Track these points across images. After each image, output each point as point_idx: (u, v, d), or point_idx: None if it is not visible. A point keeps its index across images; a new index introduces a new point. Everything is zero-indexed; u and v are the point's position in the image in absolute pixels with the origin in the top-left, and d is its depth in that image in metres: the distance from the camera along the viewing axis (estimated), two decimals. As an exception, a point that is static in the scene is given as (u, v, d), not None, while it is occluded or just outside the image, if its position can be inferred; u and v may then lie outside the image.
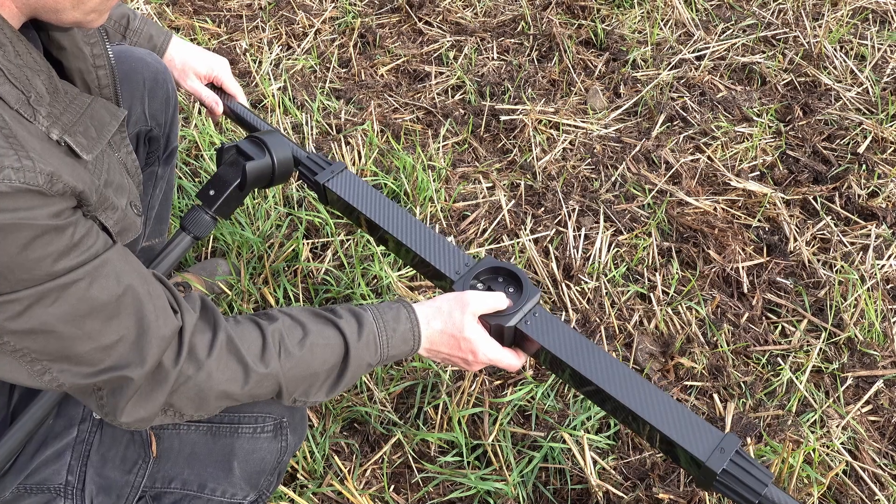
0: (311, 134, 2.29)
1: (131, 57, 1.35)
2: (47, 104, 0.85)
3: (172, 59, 1.51)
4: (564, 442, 1.53)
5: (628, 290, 1.85)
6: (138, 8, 2.82)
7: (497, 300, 1.16)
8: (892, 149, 2.27)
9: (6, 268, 0.76)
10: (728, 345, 1.74)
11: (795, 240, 1.99)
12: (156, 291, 0.91)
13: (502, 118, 2.34)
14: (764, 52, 2.65)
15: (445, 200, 2.07)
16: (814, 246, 2.00)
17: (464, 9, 2.87)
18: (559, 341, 1.14)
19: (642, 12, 2.82)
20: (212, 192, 1.21)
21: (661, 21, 2.78)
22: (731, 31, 2.75)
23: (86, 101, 0.93)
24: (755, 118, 2.38)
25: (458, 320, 1.12)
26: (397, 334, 1.09)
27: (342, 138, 2.27)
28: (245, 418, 1.12)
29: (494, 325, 1.15)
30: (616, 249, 1.96)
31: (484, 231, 2.00)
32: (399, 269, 1.85)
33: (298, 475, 1.51)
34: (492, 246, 1.96)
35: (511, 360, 1.18)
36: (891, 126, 2.33)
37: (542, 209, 2.07)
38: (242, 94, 1.57)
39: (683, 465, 1.08)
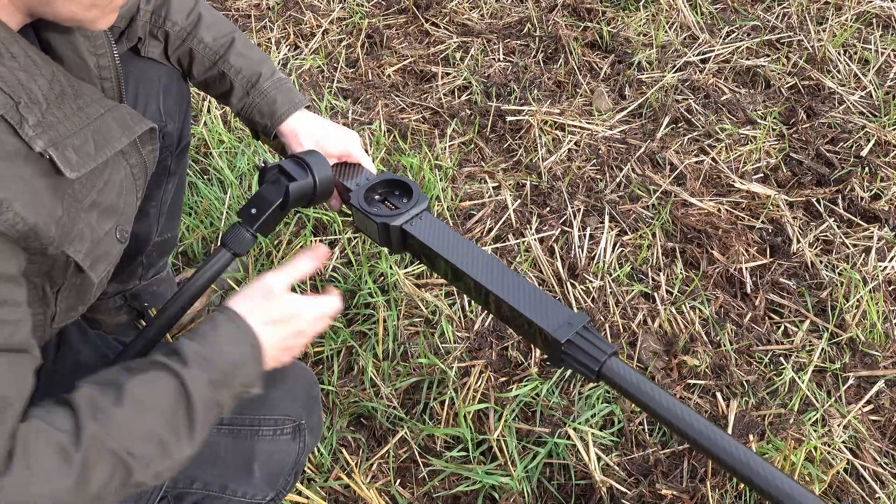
0: (319, 133, 2.31)
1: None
2: (42, 110, 0.80)
3: (297, 133, 1.33)
4: (569, 438, 1.55)
5: (632, 290, 1.87)
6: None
7: (299, 268, 1.06)
8: (894, 152, 2.28)
9: None
10: (731, 344, 1.76)
11: (798, 241, 2.01)
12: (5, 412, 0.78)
13: (508, 119, 2.36)
14: (768, 56, 2.67)
15: (452, 199, 2.09)
16: (816, 247, 2.02)
17: (470, 10, 2.90)
18: (439, 240, 1.23)
19: (647, 15, 2.84)
20: (253, 211, 1.22)
21: (666, 24, 2.80)
22: (735, 34, 2.77)
23: (97, 112, 0.89)
24: (759, 121, 2.40)
25: (270, 300, 1.01)
26: (226, 336, 0.94)
27: (349, 137, 2.29)
28: (265, 420, 1.12)
29: (381, 224, 1.24)
30: (621, 249, 1.98)
31: (490, 230, 2.02)
32: (406, 267, 1.87)
33: (306, 469, 1.53)
34: (497, 245, 1.98)
35: (334, 304, 1.09)
36: (894, 129, 2.35)
37: (548, 209, 2.08)
38: (372, 166, 1.40)
39: (540, 345, 1.16)
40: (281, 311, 1.00)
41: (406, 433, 1.58)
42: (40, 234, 0.79)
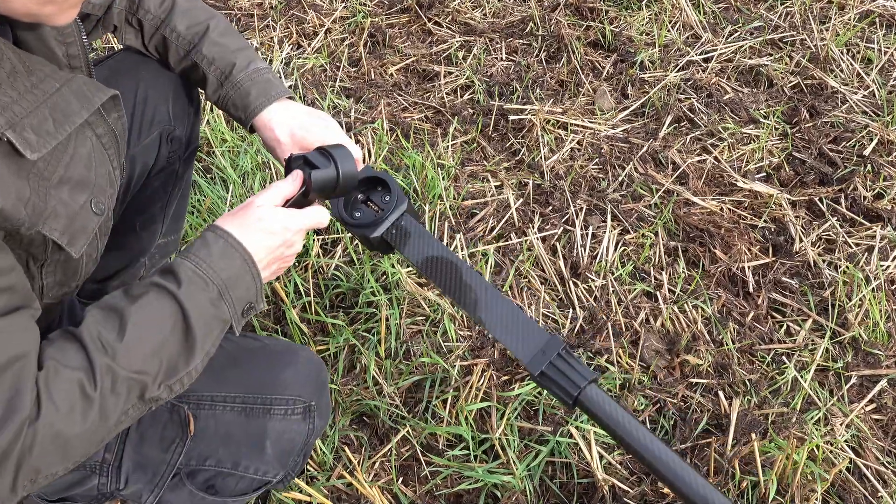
0: (322, 132, 2.31)
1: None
2: None
3: (273, 127, 1.29)
4: (571, 437, 1.55)
5: (635, 289, 1.87)
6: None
7: (280, 188, 1.09)
8: (897, 151, 2.28)
9: None
10: (733, 343, 1.76)
11: (801, 240, 2.01)
12: (34, 367, 0.82)
13: (511, 118, 2.36)
14: (771, 55, 2.67)
15: (454, 198, 2.09)
16: (819, 247, 2.02)
17: (473, 9, 2.90)
18: (418, 252, 1.21)
19: (650, 14, 2.84)
20: None
21: (669, 23, 2.80)
22: (738, 33, 2.77)
23: (53, 87, 0.86)
24: (762, 120, 2.40)
25: (252, 213, 1.04)
26: (215, 252, 0.97)
27: (352, 136, 2.29)
28: (277, 400, 1.15)
29: (361, 237, 1.23)
30: (623, 248, 1.98)
31: (492, 229, 2.02)
32: (408, 266, 1.87)
33: (309, 467, 1.53)
34: (500, 244, 1.98)
35: (317, 216, 1.12)
36: (897, 129, 2.35)
37: (550, 208, 2.09)
38: (358, 152, 1.31)
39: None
40: (267, 224, 1.03)
41: (408, 432, 1.58)
42: (9, 218, 0.79)
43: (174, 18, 1.31)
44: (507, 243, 1.98)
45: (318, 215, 1.12)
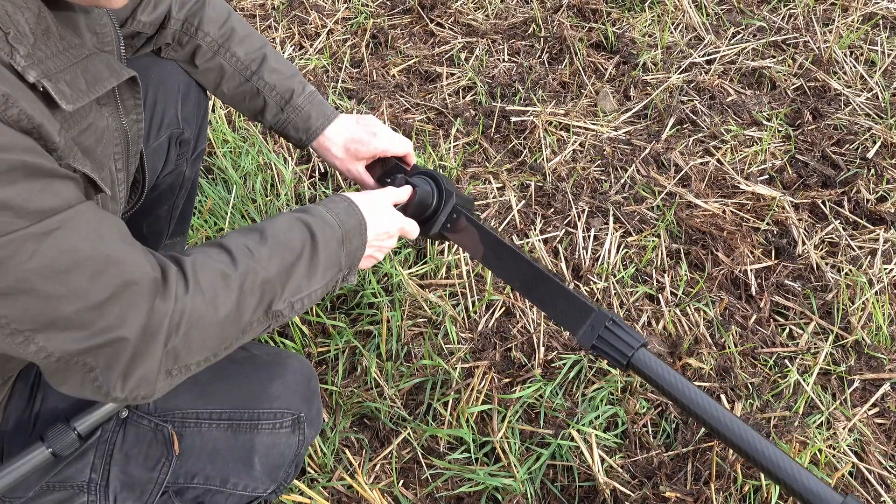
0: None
1: (167, 59, 1.36)
2: (30, 44, 0.77)
3: (328, 146, 1.40)
4: (572, 440, 1.54)
5: (637, 291, 1.86)
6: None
7: (395, 191, 1.26)
8: (901, 154, 2.28)
9: None
10: (736, 346, 1.75)
11: (804, 243, 2.00)
12: (135, 242, 0.86)
13: (513, 119, 2.36)
14: (774, 57, 2.66)
15: (456, 200, 2.09)
16: (822, 249, 2.01)
17: (475, 11, 2.89)
18: (472, 243, 1.32)
19: (653, 16, 2.84)
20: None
21: (672, 25, 2.79)
22: (741, 35, 2.77)
23: (82, 53, 0.86)
24: (764, 122, 2.39)
25: (371, 196, 1.19)
26: (340, 207, 1.10)
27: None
28: (264, 414, 1.14)
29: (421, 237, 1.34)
30: (625, 251, 1.97)
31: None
32: (410, 267, 1.87)
33: (309, 469, 1.52)
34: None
35: (414, 227, 1.28)
36: (900, 131, 2.34)
37: (552, 210, 2.08)
38: (408, 147, 1.44)
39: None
40: (381, 208, 1.18)
41: (409, 434, 1.58)
42: (46, 137, 0.77)
43: (233, 44, 1.35)
44: (508, 245, 1.98)
45: (413, 225, 1.27)
